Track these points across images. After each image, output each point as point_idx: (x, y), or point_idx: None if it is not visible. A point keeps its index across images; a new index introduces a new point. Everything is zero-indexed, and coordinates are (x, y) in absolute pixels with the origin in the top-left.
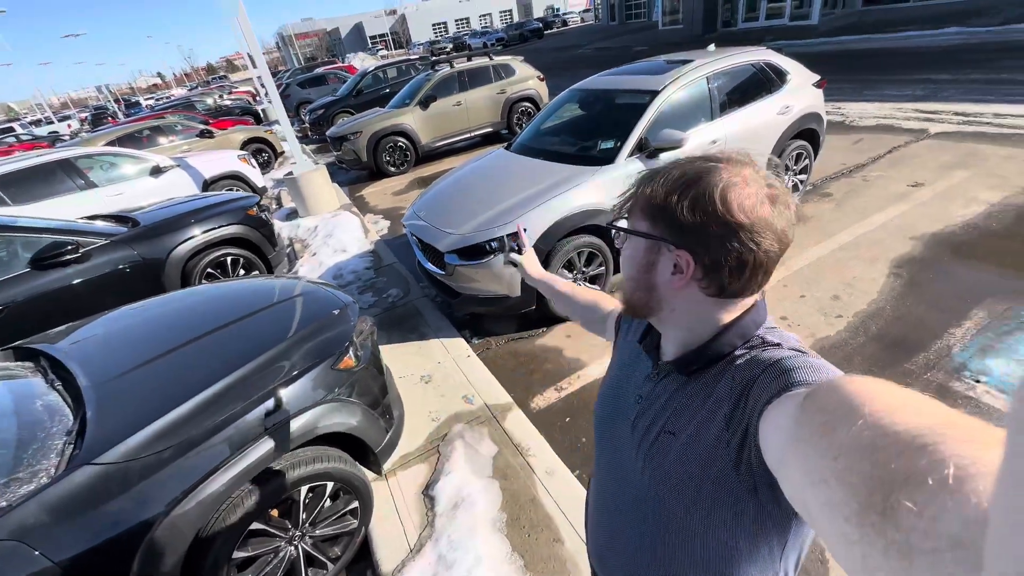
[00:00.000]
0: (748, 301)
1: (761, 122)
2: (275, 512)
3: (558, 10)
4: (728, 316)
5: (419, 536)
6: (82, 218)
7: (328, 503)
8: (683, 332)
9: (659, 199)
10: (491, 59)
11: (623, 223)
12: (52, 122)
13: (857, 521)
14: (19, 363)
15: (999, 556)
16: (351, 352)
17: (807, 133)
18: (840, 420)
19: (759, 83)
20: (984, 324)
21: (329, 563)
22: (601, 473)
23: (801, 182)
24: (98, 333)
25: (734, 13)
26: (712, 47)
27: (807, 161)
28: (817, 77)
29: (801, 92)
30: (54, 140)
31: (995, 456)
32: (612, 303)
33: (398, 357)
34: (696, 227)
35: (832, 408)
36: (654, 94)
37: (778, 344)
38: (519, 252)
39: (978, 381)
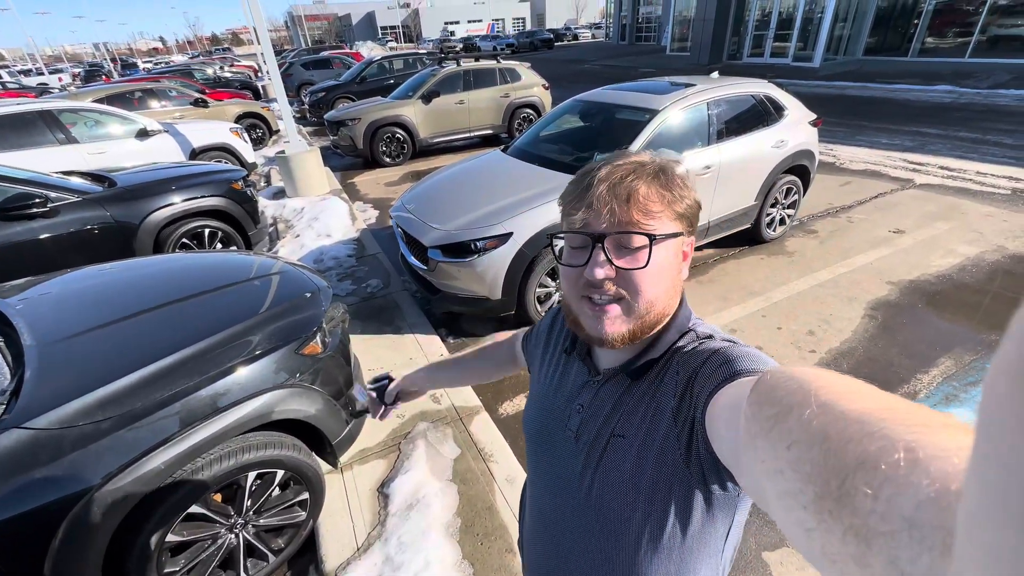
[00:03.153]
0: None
1: (756, 153)
2: (217, 497)
3: (569, 27)
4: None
5: (368, 535)
6: (57, 172)
7: (276, 492)
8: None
9: (679, 192)
10: (499, 62)
11: (637, 237)
12: (42, 73)
13: (814, 508)
14: None
15: (972, 538)
16: (318, 338)
17: (799, 169)
18: (789, 410)
19: (757, 115)
20: (950, 373)
21: (271, 555)
22: (540, 493)
23: (788, 216)
24: (53, 291)
25: (740, 47)
26: (716, 74)
27: (796, 196)
28: (813, 116)
29: (797, 128)
30: (42, 92)
31: (940, 438)
32: (504, 335)
33: (370, 349)
34: (695, 212)
35: (780, 399)
36: (654, 113)
37: (710, 336)
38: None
39: None
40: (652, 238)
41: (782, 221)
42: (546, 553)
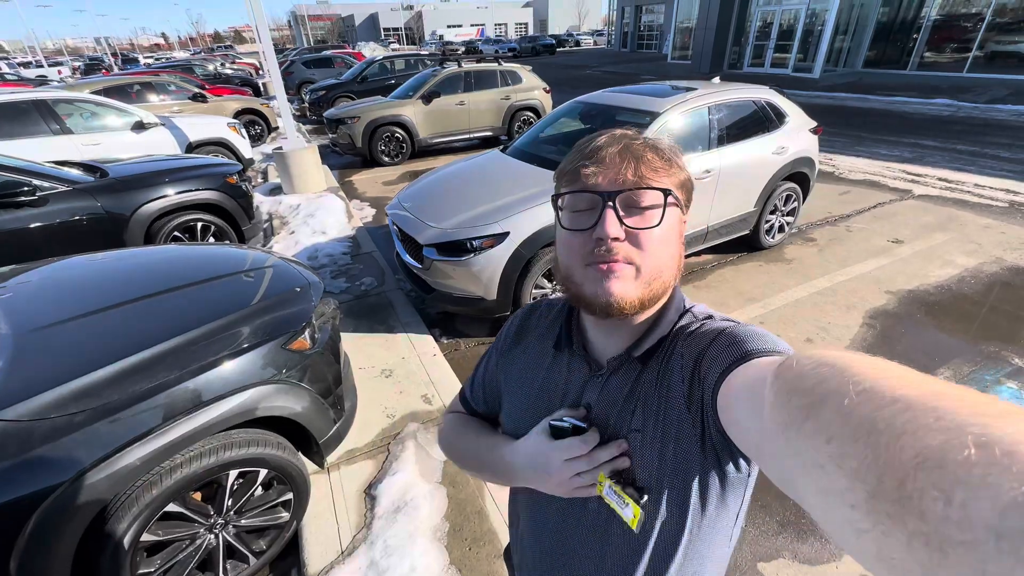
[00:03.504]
0: None
1: (756, 158)
2: (197, 495)
3: (571, 33)
4: None
5: (353, 538)
6: (50, 162)
7: (259, 491)
8: (647, 315)
9: (680, 163)
10: (500, 64)
11: (650, 193)
12: (42, 66)
13: (867, 509)
14: None
15: None
16: (307, 333)
17: (798, 176)
18: (824, 399)
19: (758, 120)
20: None
21: (252, 557)
22: (542, 510)
23: (788, 224)
24: (35, 280)
25: (741, 57)
26: (717, 79)
27: (795, 204)
28: (814, 123)
29: (798, 135)
30: (40, 84)
31: (1010, 428)
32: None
33: (361, 347)
34: (691, 188)
35: (811, 388)
36: (654, 115)
37: (710, 316)
38: None
39: None
40: (667, 193)
41: (781, 228)
42: (556, 570)
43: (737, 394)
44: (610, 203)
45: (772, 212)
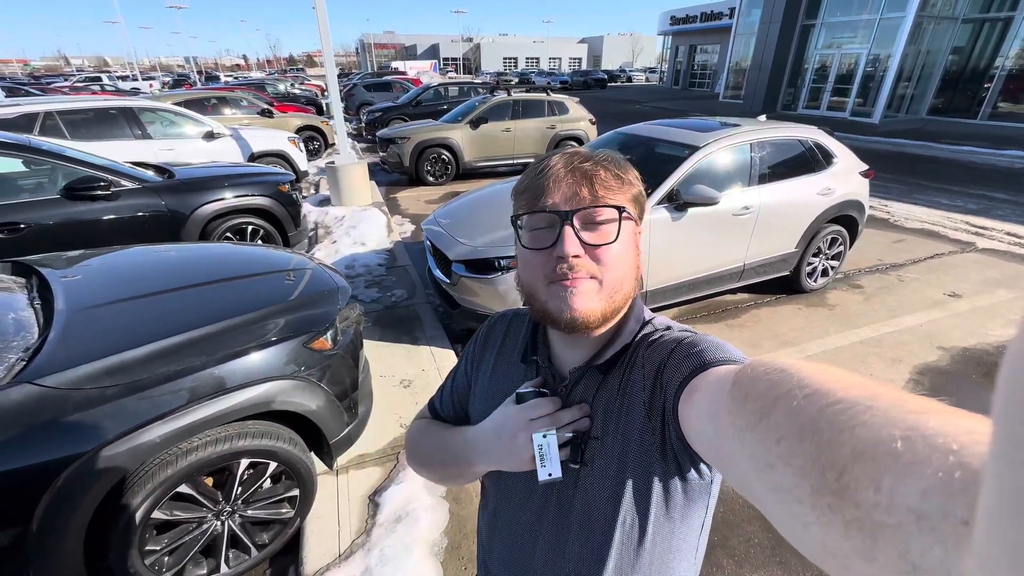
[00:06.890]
0: None
1: (799, 198)
2: (209, 480)
3: (623, 69)
4: None
5: (352, 542)
6: (129, 163)
7: (267, 483)
8: (609, 326)
9: (632, 178)
10: (548, 95)
11: (605, 210)
12: (137, 79)
13: (811, 503)
14: (12, 277)
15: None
16: (329, 335)
17: (846, 219)
18: (775, 403)
19: (804, 160)
20: None
21: (253, 548)
22: (511, 518)
23: (832, 268)
24: (96, 263)
25: (796, 98)
26: (763, 117)
27: (841, 248)
28: (865, 166)
29: (846, 177)
30: (133, 95)
31: (935, 423)
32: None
33: (384, 356)
34: (644, 201)
35: (763, 393)
36: (694, 149)
37: (669, 327)
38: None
39: None
40: (621, 210)
41: (824, 272)
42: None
43: (697, 402)
44: (568, 222)
45: (815, 255)
